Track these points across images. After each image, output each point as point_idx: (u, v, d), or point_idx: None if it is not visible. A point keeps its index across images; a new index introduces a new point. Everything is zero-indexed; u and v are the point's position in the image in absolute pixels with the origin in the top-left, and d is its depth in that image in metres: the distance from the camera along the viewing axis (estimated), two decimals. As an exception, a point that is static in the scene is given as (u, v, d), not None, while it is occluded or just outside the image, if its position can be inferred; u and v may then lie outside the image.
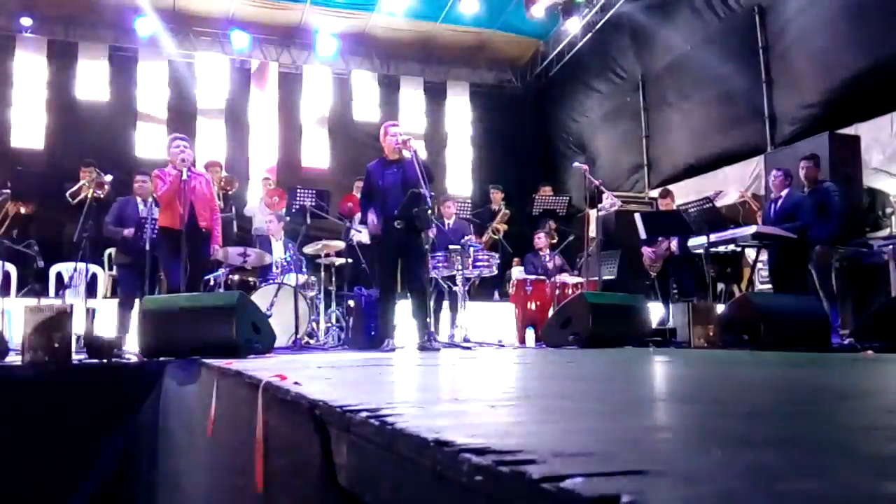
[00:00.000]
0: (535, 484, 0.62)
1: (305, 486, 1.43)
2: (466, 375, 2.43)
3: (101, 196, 7.00)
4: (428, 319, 5.97)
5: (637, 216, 7.15)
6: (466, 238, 7.28)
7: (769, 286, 6.78)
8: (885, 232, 7.39)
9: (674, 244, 7.25)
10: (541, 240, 8.16)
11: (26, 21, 10.18)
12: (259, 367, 2.73)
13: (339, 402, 1.30)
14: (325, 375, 2.33)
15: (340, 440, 1.22)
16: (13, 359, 4.45)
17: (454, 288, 7.06)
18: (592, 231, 9.36)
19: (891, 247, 6.01)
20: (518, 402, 1.44)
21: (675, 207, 7.72)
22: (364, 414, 1.13)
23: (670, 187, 9.16)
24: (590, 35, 11.06)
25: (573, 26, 11.05)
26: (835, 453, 0.77)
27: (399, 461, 0.94)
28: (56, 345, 4.07)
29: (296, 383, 1.84)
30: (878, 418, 1.14)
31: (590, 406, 1.31)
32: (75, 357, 4.31)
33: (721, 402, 1.37)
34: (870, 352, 4.28)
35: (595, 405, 1.33)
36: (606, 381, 2.03)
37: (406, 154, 5.81)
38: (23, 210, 7.78)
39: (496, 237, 9.27)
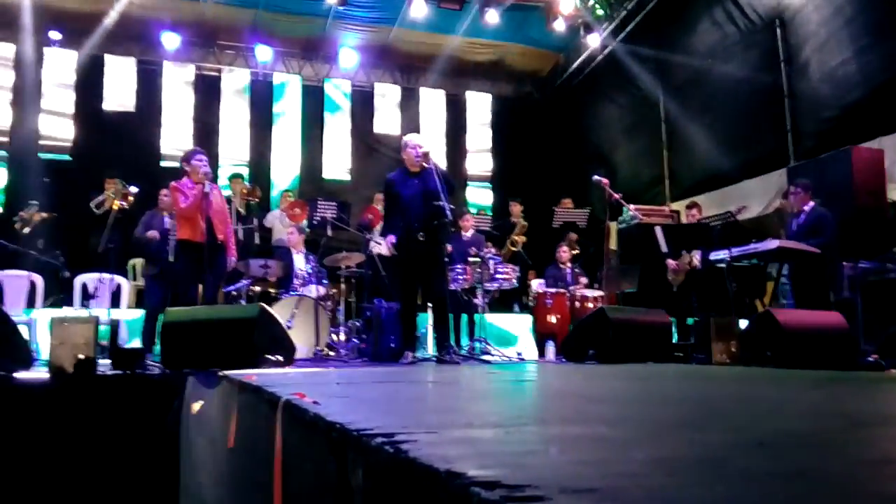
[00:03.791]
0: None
1: (322, 506, 1.45)
2: (483, 394, 2.44)
3: (126, 207, 7.12)
4: (447, 332, 5.99)
5: (657, 229, 7.12)
6: (486, 250, 7.30)
7: (792, 302, 6.71)
8: (910, 246, 7.28)
9: (696, 258, 7.19)
10: (565, 252, 8.14)
11: (55, 35, 10.40)
12: (279, 382, 2.77)
13: (355, 424, 1.32)
14: (343, 394, 2.35)
15: (356, 464, 1.24)
16: (38, 369, 4.53)
17: (474, 300, 7.08)
18: (613, 244, 9.35)
19: (917, 262, 5.92)
20: (533, 427, 1.45)
21: (698, 220, 7.68)
22: (380, 439, 1.15)
23: (691, 200, 9.11)
24: (610, 48, 11.06)
25: (594, 41, 11.07)
26: (839, 490, 0.78)
27: (412, 489, 0.96)
28: (81, 355, 4.15)
29: (315, 402, 1.87)
30: (891, 449, 1.13)
31: (602, 432, 1.32)
32: (100, 367, 4.38)
33: (734, 430, 1.37)
34: (893, 370, 4.22)
35: (608, 431, 1.34)
36: (622, 402, 2.03)
37: (428, 165, 5.85)
38: (45, 216, 7.91)
39: (515, 249, 9.28)
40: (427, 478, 0.91)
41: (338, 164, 11.88)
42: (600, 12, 10.71)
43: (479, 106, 12.79)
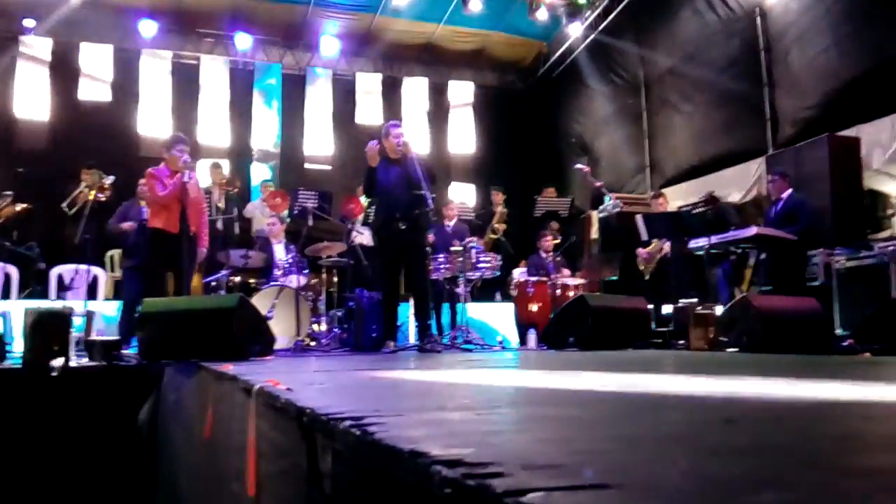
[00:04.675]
0: (497, 498, 0.63)
1: (293, 493, 1.45)
2: (460, 380, 2.44)
3: (104, 198, 7.03)
4: (429, 321, 5.99)
5: (638, 218, 7.15)
6: (468, 240, 7.30)
7: (769, 288, 6.78)
8: (886, 233, 7.38)
9: (666, 245, 7.24)
10: (548, 241, 8.16)
11: (29, 22, 10.22)
12: (255, 371, 2.75)
13: (326, 409, 1.31)
14: (319, 381, 2.34)
15: (326, 448, 1.23)
16: (12, 361, 4.48)
17: (456, 289, 7.08)
18: (594, 232, 9.40)
19: (891, 248, 5.99)
20: (503, 410, 1.45)
21: (667, 208, 7.74)
22: (347, 423, 1.14)
23: (673, 188, 9.18)
24: (592, 37, 11.07)
25: (575, 30, 11.06)
26: (800, 464, 0.78)
27: (378, 471, 0.95)
28: (56, 347, 4.10)
29: (288, 389, 1.86)
30: (853, 426, 1.15)
31: (573, 413, 1.32)
32: (75, 359, 4.33)
33: (704, 410, 1.38)
34: (867, 354, 4.28)
35: (579, 412, 1.35)
36: (597, 385, 2.04)
37: (409, 153, 5.85)
38: (19, 209, 7.76)
39: (495, 237, 9.29)
40: (391, 458, 0.90)
41: (319, 153, 11.80)
42: (582, 1, 10.70)
43: (462, 95, 12.75)
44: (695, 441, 0.96)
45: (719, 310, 5.59)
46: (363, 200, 8.19)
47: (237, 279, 7.05)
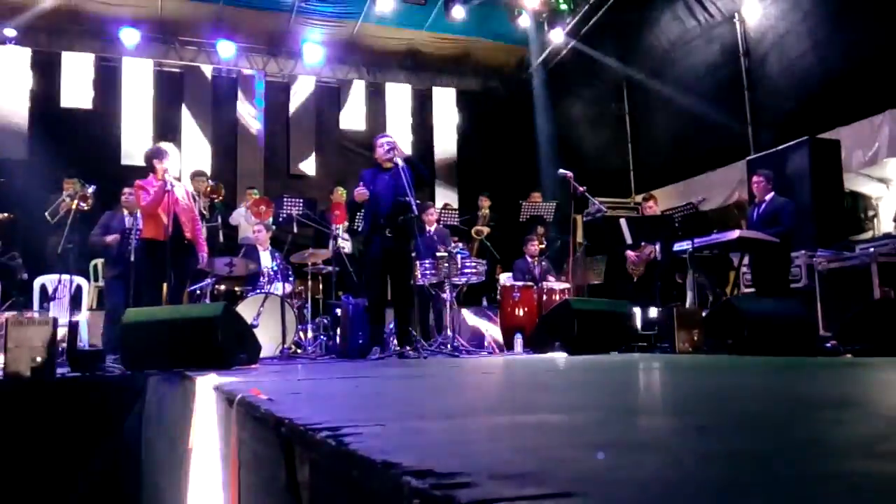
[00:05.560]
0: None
1: (273, 503, 1.44)
2: (442, 388, 2.45)
3: (86, 208, 6.99)
4: (411, 328, 6.01)
5: (622, 221, 7.19)
6: (454, 245, 7.30)
7: (753, 290, 6.83)
8: (867, 234, 7.47)
9: (656, 249, 7.29)
10: (533, 245, 8.19)
11: (10, 32, 10.14)
12: (239, 381, 2.74)
13: (304, 419, 1.31)
14: (300, 389, 2.34)
15: (303, 459, 1.23)
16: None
17: (442, 295, 7.08)
18: (579, 237, 9.43)
19: (872, 249, 6.06)
20: (480, 417, 1.46)
21: (658, 212, 7.78)
22: (324, 433, 1.14)
23: (656, 192, 9.23)
24: (574, 42, 11.13)
25: (556, 37, 11.13)
26: (763, 471, 0.79)
27: (352, 482, 0.95)
28: (39, 358, 4.07)
29: (269, 399, 1.86)
30: (823, 431, 1.16)
31: (548, 420, 1.33)
32: (59, 370, 4.29)
33: (681, 414, 1.39)
34: (848, 355, 4.32)
35: (554, 418, 1.35)
36: (577, 391, 2.05)
37: (399, 162, 5.92)
38: (2, 219, 7.68)
39: (479, 238, 9.32)
40: (365, 469, 0.91)
41: (303, 160, 11.78)
42: (563, 7, 10.77)
43: (446, 100, 12.77)
44: (663, 448, 0.97)
45: (704, 313, 5.62)
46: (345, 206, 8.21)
47: (222, 287, 7.01)
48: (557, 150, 12.01)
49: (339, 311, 6.86)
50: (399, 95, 12.42)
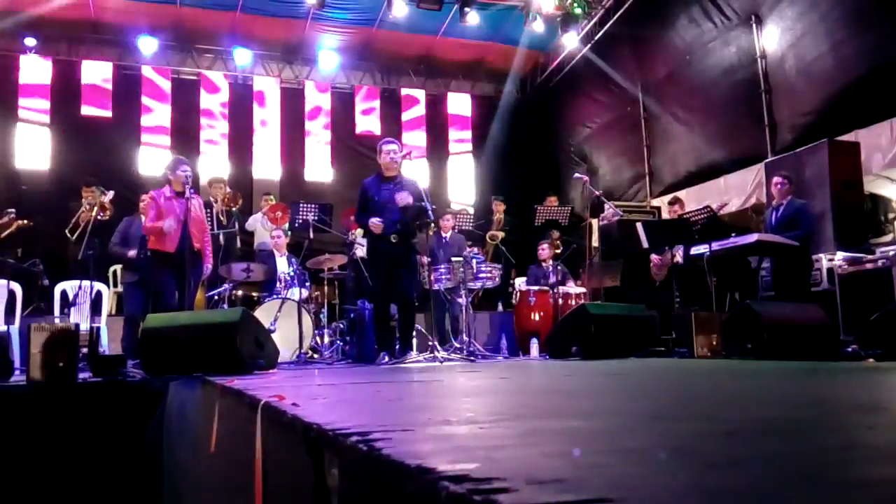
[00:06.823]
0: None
1: (301, 507, 1.45)
2: (463, 393, 2.45)
3: (105, 218, 7.09)
4: (422, 333, 6.04)
5: (639, 225, 7.16)
6: (469, 250, 7.32)
7: (773, 294, 6.77)
8: (888, 237, 7.38)
9: (679, 254, 7.24)
10: (545, 250, 8.17)
11: (30, 41, 10.28)
12: (260, 385, 2.76)
13: (332, 424, 1.32)
14: (323, 395, 2.35)
15: (332, 463, 1.24)
16: (18, 378, 4.48)
17: (458, 300, 7.08)
18: (595, 241, 9.40)
19: (893, 252, 6.00)
20: (507, 422, 1.46)
21: (679, 215, 7.73)
22: (354, 438, 1.15)
23: (673, 196, 9.18)
24: (589, 46, 11.11)
25: (571, 41, 11.11)
26: (801, 477, 0.79)
27: (385, 487, 0.96)
28: (61, 363, 4.11)
29: (294, 404, 1.87)
30: (856, 436, 1.15)
31: (576, 426, 1.33)
32: (80, 375, 4.34)
33: (705, 420, 1.39)
34: (871, 360, 4.27)
35: (582, 424, 1.35)
36: (599, 396, 2.04)
37: (403, 172, 5.94)
38: (18, 225, 7.76)
39: (493, 243, 9.32)
40: (399, 474, 0.91)
41: (319, 166, 11.84)
42: (578, 11, 10.75)
43: (461, 106, 12.79)
44: (695, 453, 0.97)
45: (723, 317, 5.58)
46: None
47: (239, 293, 7.07)
48: (573, 154, 12.01)
49: (354, 315, 6.89)
50: (414, 101, 12.46)
